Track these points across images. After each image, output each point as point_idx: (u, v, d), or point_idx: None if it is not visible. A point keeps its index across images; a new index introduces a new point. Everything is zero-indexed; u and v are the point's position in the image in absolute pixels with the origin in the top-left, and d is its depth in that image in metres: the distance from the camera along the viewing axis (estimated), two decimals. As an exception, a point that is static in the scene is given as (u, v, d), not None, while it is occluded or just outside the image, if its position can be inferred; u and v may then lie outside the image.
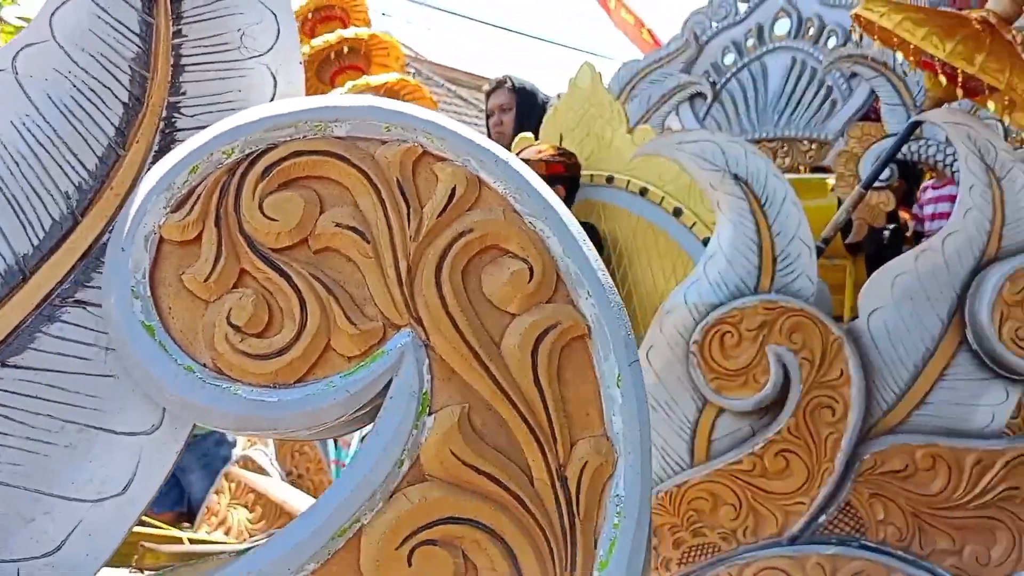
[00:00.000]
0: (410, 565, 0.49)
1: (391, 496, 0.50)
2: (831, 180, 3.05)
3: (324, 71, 3.10)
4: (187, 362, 0.50)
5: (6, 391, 0.54)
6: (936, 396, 1.86)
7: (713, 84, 3.51)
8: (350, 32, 3.04)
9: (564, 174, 2.59)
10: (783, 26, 3.53)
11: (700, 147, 1.95)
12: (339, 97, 0.57)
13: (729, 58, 3.59)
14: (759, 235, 1.90)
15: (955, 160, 2.53)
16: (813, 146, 3.34)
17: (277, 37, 0.61)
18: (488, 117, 3.33)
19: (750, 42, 3.58)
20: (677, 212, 2.43)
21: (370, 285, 0.53)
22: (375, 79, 2.90)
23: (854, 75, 3.21)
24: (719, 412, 1.92)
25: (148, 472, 0.54)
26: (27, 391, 0.54)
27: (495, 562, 0.50)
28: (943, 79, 2.06)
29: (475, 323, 0.52)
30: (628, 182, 2.54)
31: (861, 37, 2.13)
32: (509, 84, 3.24)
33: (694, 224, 2.40)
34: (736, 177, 1.91)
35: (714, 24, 3.63)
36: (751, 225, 1.90)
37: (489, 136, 3.49)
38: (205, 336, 0.52)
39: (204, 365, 0.51)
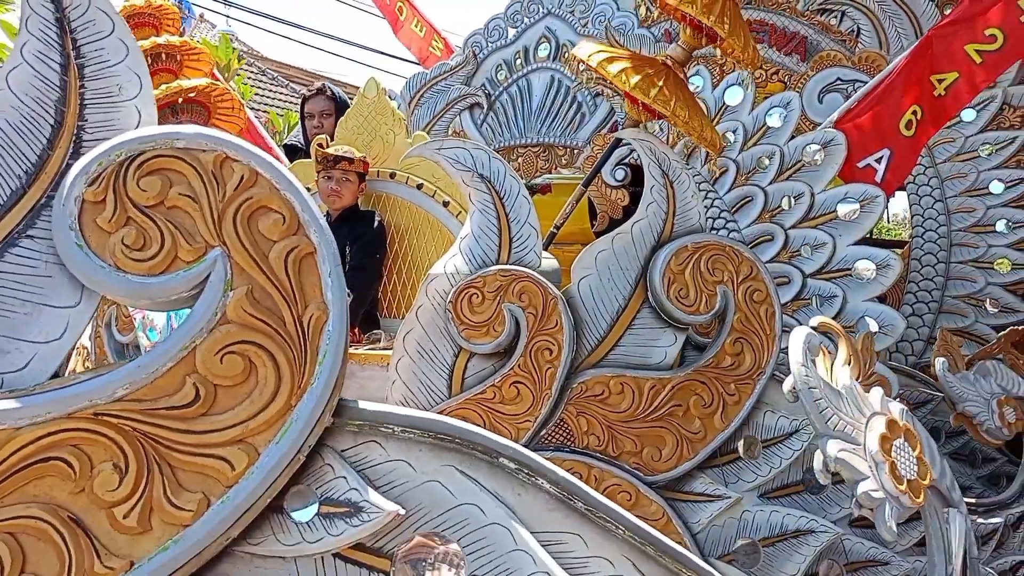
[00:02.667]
0: (221, 363, 0.96)
1: (211, 331, 0.97)
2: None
3: (137, 72, 3.38)
4: (99, 263, 0.94)
5: (-13, 283, 0.96)
6: (626, 339, 2.48)
7: (488, 96, 4.08)
8: (164, 39, 3.35)
9: (365, 171, 3.07)
10: (544, 49, 4.15)
11: (455, 152, 2.44)
12: (179, 126, 1.02)
13: (501, 74, 4.17)
14: (499, 221, 2.42)
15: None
16: (567, 151, 4.00)
17: (140, 89, 1.05)
18: (306, 119, 3.67)
19: (518, 62, 4.19)
20: (446, 203, 2.96)
21: (198, 226, 0.99)
22: (187, 82, 3.23)
23: (599, 93, 3.89)
24: (469, 356, 2.44)
25: (74, 327, 0.98)
26: (3, 284, 0.97)
27: (266, 363, 0.97)
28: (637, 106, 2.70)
29: (254, 245, 0.99)
30: (407, 178, 3.03)
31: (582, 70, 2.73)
32: (328, 92, 3.61)
33: (459, 213, 2.94)
34: (482, 176, 2.43)
35: (489, 45, 4.21)
36: (493, 213, 2.41)
37: (306, 136, 3.84)
38: (109, 250, 0.95)
39: (109, 264, 0.95)
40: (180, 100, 3.32)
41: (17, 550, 0.88)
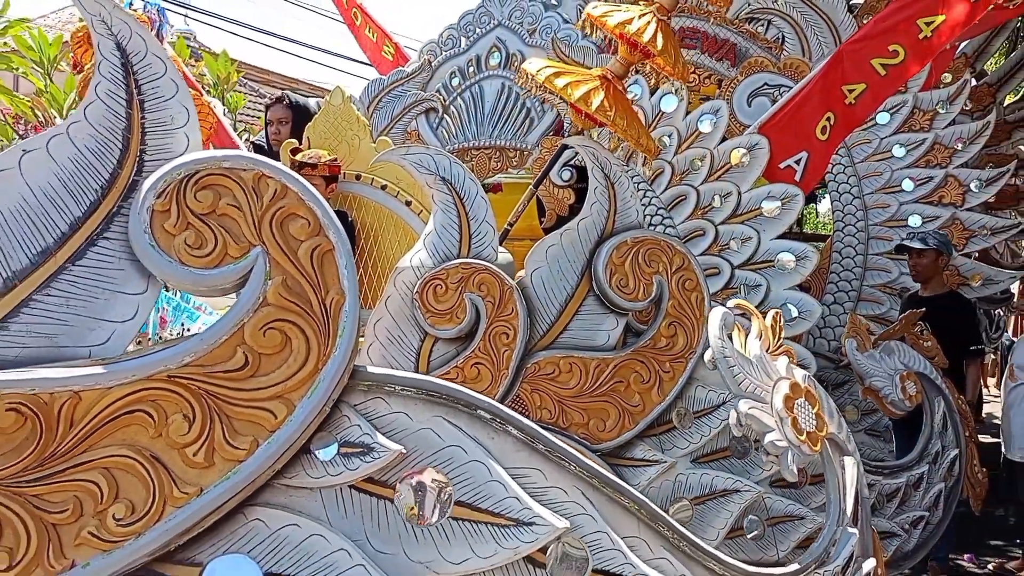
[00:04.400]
0: (264, 337, 1.22)
1: (255, 312, 1.23)
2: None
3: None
4: (168, 259, 1.20)
5: (78, 276, 1.21)
6: (573, 324, 2.78)
7: (443, 101, 4.35)
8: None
9: (336, 173, 3.31)
10: (495, 58, 4.44)
11: (419, 157, 2.69)
12: (225, 151, 1.27)
13: (455, 81, 4.44)
14: (459, 219, 2.67)
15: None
16: (517, 153, 4.29)
17: (188, 119, 1.31)
18: (267, 126, 3.88)
19: (471, 69, 4.47)
20: (408, 203, 3.22)
21: (242, 229, 1.25)
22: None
23: (545, 99, 4.20)
24: (434, 340, 2.69)
25: (143, 309, 1.23)
26: (86, 275, 1.21)
27: (298, 336, 1.24)
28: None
29: (286, 244, 1.26)
30: (372, 180, 3.29)
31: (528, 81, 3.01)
32: (287, 101, 3.84)
33: (420, 212, 3.21)
34: (444, 179, 2.69)
35: (443, 53, 4.48)
36: (454, 212, 2.64)
37: (268, 142, 4.04)
38: (174, 249, 1.21)
39: (174, 259, 1.21)
40: None
41: (112, 482, 1.14)
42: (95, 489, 1.13)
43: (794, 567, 1.81)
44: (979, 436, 4.63)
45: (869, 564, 2.02)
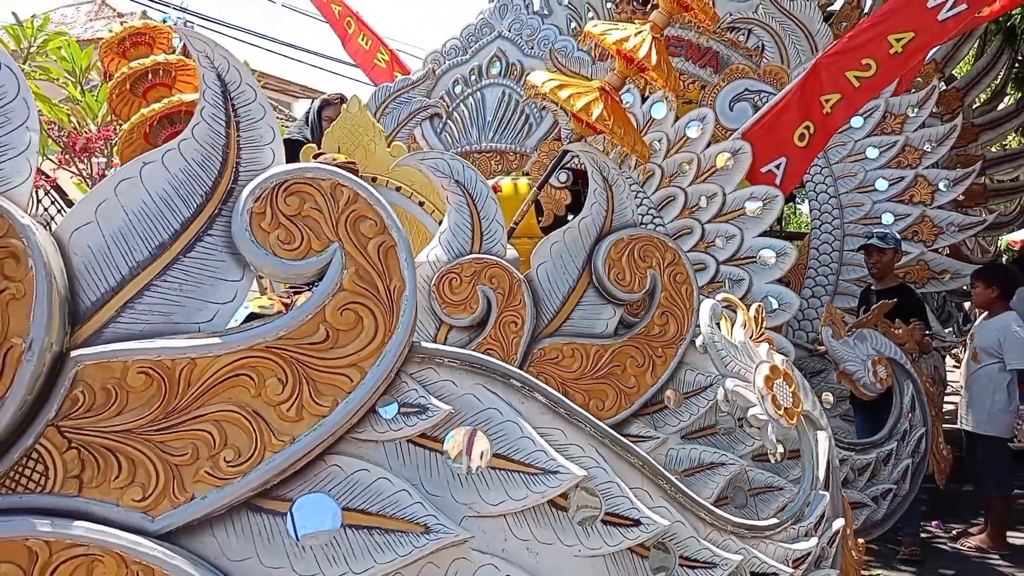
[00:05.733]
0: (341, 316, 1.49)
1: (333, 296, 1.50)
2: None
3: (138, 86, 3.81)
4: (264, 252, 1.46)
5: (188, 267, 1.47)
6: (575, 314, 2.98)
7: (447, 107, 4.62)
8: (162, 57, 3.78)
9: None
10: (496, 67, 4.71)
11: (436, 162, 2.95)
12: (308, 164, 1.54)
13: (458, 88, 4.71)
14: (472, 218, 2.89)
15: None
16: (517, 156, 4.56)
17: (274, 137, 1.58)
18: (323, 120, 4.06)
19: (473, 77, 4.74)
20: (421, 203, 3.49)
21: (323, 228, 1.52)
22: (187, 96, 3.67)
23: (544, 107, 4.48)
24: (449, 328, 2.94)
25: (240, 294, 1.50)
26: (195, 265, 1.48)
27: (368, 316, 1.51)
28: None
29: (358, 240, 1.53)
30: (387, 182, 3.56)
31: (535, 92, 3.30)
32: (347, 101, 4.07)
33: (432, 212, 3.48)
34: (458, 182, 2.94)
35: (447, 62, 4.74)
36: (467, 212, 2.82)
37: (319, 133, 4.22)
38: (269, 244, 1.47)
39: (269, 252, 1.48)
40: (148, 74, 3.73)
41: (222, 431, 1.41)
42: (208, 437, 1.40)
43: (774, 521, 2.10)
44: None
45: (838, 523, 2.31)
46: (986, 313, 5.13)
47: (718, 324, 2.25)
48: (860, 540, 2.67)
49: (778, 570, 1.95)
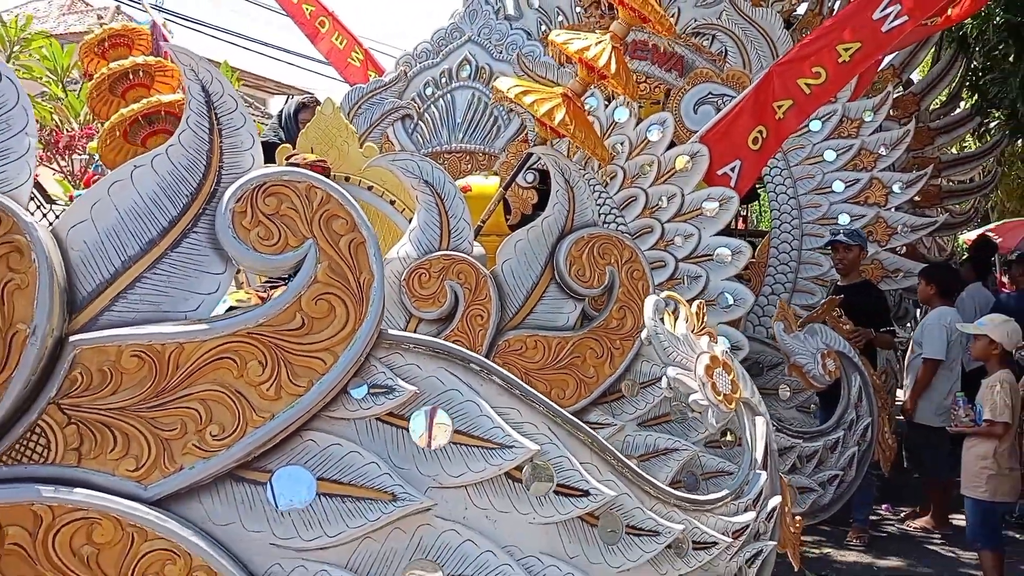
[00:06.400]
0: (315, 305, 1.65)
1: (308, 287, 1.66)
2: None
3: (117, 87, 3.93)
4: (245, 248, 1.61)
5: (175, 261, 1.63)
6: (538, 308, 3.15)
7: (418, 108, 4.77)
8: (141, 59, 3.90)
9: (319, 172, 3.70)
10: (466, 70, 4.88)
11: (406, 163, 3.08)
12: (285, 167, 1.69)
13: (429, 90, 4.86)
14: (440, 217, 3.03)
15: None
16: (486, 157, 4.73)
17: (253, 143, 1.73)
18: (299, 122, 4.20)
19: (443, 80, 4.89)
20: (392, 202, 3.65)
21: (298, 226, 1.67)
22: (165, 97, 3.80)
23: (511, 109, 4.65)
24: (419, 322, 3.09)
25: (223, 286, 1.66)
26: (181, 259, 1.63)
27: (340, 305, 1.67)
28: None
29: (331, 237, 1.68)
30: (360, 181, 3.70)
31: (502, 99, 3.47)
32: (318, 105, 4.21)
33: (403, 210, 3.63)
34: (427, 182, 3.08)
35: (418, 65, 4.89)
36: (435, 211, 2.96)
37: (293, 136, 4.36)
38: (250, 241, 1.62)
39: (249, 247, 1.63)
40: (129, 75, 3.86)
41: (208, 409, 1.56)
42: (195, 414, 1.56)
43: (714, 496, 2.28)
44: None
45: (775, 500, 2.50)
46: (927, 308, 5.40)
47: (662, 318, 2.43)
48: (798, 517, 2.86)
49: (718, 539, 2.14)
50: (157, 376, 1.55)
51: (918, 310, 8.20)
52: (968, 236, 10.30)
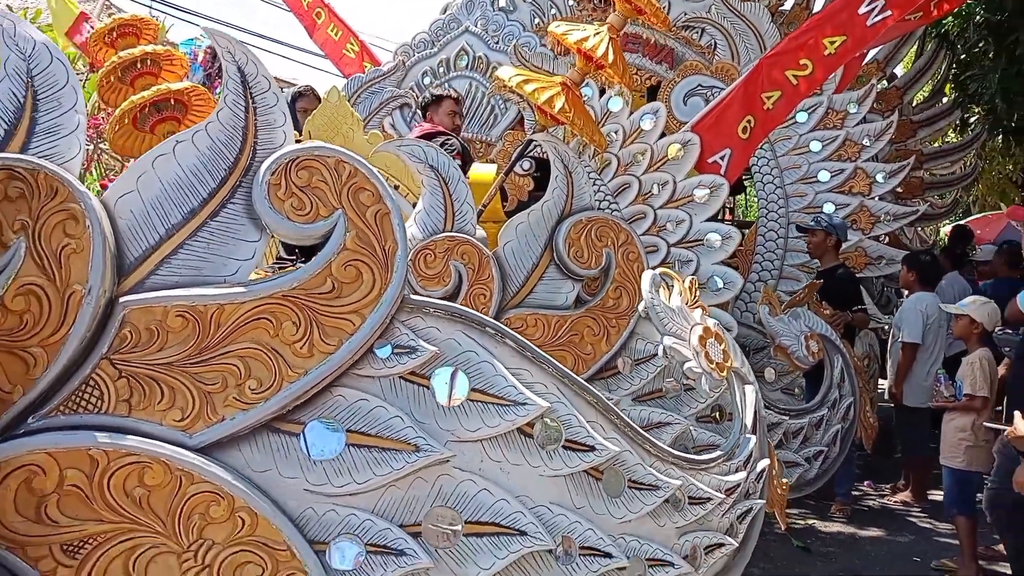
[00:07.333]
0: (344, 271, 1.78)
1: (338, 254, 1.79)
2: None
3: (126, 75, 4.02)
4: (280, 217, 1.74)
5: (214, 229, 1.75)
6: (538, 288, 3.32)
7: (416, 97, 4.90)
8: (150, 48, 4.00)
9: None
10: (463, 60, 5.00)
11: (412, 148, 3.24)
12: (316, 143, 1.83)
13: (427, 80, 4.99)
14: (444, 200, 3.17)
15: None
16: (483, 145, 4.86)
17: (285, 120, 1.86)
18: (298, 112, 4.33)
19: (441, 70, 5.02)
20: (396, 187, 3.78)
21: (328, 197, 1.80)
22: (174, 85, 3.90)
23: (508, 99, 4.78)
24: None
25: (258, 253, 1.78)
26: (220, 228, 1.76)
27: (367, 270, 1.80)
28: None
29: (358, 208, 1.81)
30: (364, 166, 3.83)
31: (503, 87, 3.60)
32: (316, 93, 4.32)
33: (407, 195, 3.76)
34: (432, 167, 3.23)
35: (415, 55, 5.02)
36: (440, 195, 3.13)
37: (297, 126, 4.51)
38: (284, 211, 1.75)
39: (284, 217, 1.76)
40: (137, 63, 3.95)
41: (247, 365, 1.69)
42: (235, 370, 1.69)
43: (708, 457, 2.43)
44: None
45: (763, 463, 2.66)
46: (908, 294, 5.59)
47: (658, 291, 2.58)
48: (784, 480, 3.02)
49: (712, 495, 2.29)
50: (200, 334, 1.68)
51: (901, 300, 8.40)
52: (949, 229, 10.51)
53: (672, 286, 2.66)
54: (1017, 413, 2.78)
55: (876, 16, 3.97)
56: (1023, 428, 2.51)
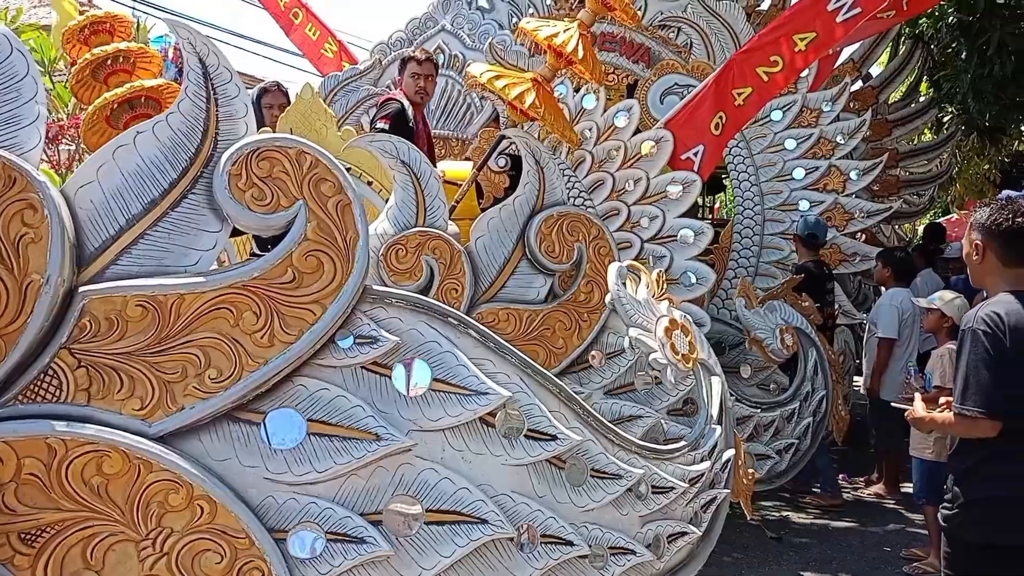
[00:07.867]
0: (305, 261, 1.80)
1: (299, 244, 1.80)
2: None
3: (99, 72, 4.01)
4: (241, 207, 1.75)
5: (175, 220, 1.76)
6: (510, 282, 3.32)
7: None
8: (123, 45, 3.99)
9: None
10: (439, 59, 5.02)
11: (383, 144, 3.24)
12: (277, 134, 1.83)
13: (403, 78, 5.00)
14: (416, 195, 3.19)
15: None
16: (459, 143, 4.88)
17: (247, 112, 1.87)
18: (264, 108, 4.33)
19: (417, 68, 5.03)
20: (369, 183, 3.79)
21: (289, 188, 1.81)
22: (147, 82, 3.90)
23: (484, 97, 4.80)
24: None
25: (219, 243, 1.79)
26: (181, 218, 1.77)
27: (328, 261, 1.82)
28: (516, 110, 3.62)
29: (320, 199, 1.83)
30: (337, 163, 3.84)
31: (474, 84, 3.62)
32: (284, 89, 4.32)
33: (380, 191, 3.77)
34: (404, 162, 3.24)
35: (392, 53, 5.03)
36: (412, 190, 3.15)
37: (261, 123, 4.50)
38: (245, 201, 1.76)
39: (245, 207, 1.77)
40: (109, 61, 3.95)
41: (206, 355, 1.70)
42: (195, 359, 1.70)
43: (672, 447, 2.46)
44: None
45: (729, 453, 2.69)
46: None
47: (624, 283, 2.60)
48: (751, 470, 3.06)
49: (675, 485, 2.31)
50: (160, 324, 1.68)
51: (877, 297, 8.49)
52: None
53: (640, 278, 2.68)
54: (918, 396, 2.98)
55: (846, 13, 4.02)
56: (920, 410, 2.71)
